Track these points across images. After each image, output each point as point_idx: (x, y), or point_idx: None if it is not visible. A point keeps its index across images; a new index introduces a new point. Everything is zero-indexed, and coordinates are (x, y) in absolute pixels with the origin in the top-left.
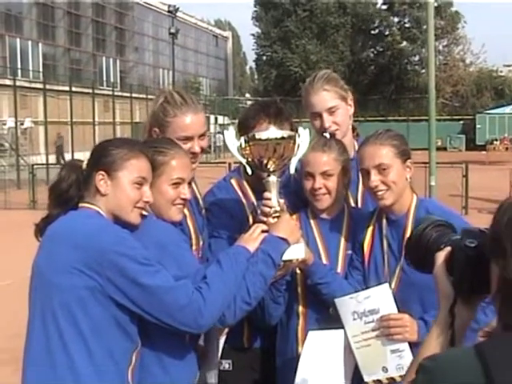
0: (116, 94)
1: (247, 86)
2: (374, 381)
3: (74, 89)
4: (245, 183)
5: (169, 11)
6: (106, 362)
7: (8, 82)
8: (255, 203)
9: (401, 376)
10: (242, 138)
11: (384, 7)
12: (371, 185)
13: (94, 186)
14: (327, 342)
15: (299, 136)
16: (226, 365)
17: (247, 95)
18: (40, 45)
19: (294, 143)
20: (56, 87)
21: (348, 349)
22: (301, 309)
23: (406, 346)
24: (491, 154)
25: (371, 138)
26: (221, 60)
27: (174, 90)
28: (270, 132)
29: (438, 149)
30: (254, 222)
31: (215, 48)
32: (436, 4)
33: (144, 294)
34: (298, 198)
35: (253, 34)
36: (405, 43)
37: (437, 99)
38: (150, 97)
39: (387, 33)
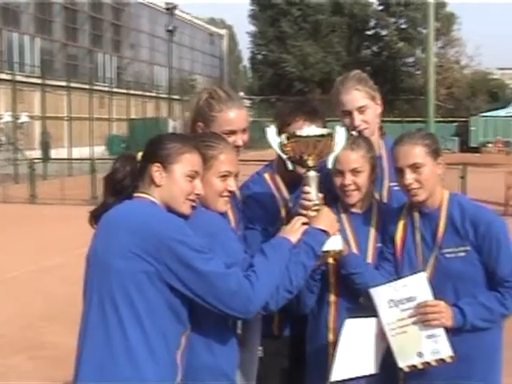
0: (113, 90)
1: (241, 85)
2: (408, 366)
3: (71, 84)
4: (277, 177)
5: (167, 9)
6: (160, 343)
7: (5, 77)
8: (287, 197)
9: (436, 360)
10: (283, 135)
11: (380, 8)
12: (405, 183)
13: (150, 176)
14: (362, 329)
15: (337, 133)
16: (259, 352)
17: (241, 93)
18: (37, 39)
19: (333, 140)
20: (54, 82)
21: (379, 337)
22: (332, 298)
23: (441, 332)
24: (485, 156)
25: (405, 137)
26: (216, 58)
27: (216, 87)
28: (311, 130)
29: None
30: (287, 215)
31: (210, 46)
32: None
33: (198, 279)
34: (330, 193)
35: (248, 33)
36: (401, 44)
37: None
38: (146, 94)
39: (383, 33)
